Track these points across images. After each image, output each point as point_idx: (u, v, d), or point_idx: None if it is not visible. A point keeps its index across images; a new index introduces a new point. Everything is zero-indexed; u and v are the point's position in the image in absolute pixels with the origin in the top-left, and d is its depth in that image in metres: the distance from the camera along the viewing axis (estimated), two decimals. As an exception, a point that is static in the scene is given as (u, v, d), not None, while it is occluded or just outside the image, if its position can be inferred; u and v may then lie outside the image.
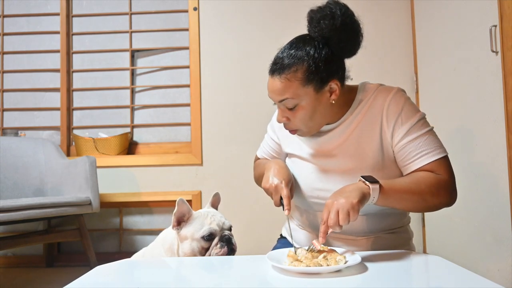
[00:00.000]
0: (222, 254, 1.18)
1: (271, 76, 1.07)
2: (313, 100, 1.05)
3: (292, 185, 1.14)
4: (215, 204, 1.34)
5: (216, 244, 1.19)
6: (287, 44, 1.09)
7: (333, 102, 1.07)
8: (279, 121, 1.11)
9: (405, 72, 2.79)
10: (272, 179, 1.10)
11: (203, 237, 1.18)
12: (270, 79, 1.07)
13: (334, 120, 1.12)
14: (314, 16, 1.05)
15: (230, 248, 1.20)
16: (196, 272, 1.03)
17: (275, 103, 1.10)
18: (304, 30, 1.11)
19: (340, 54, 1.07)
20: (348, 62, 1.12)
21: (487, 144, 1.88)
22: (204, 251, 1.19)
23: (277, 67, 1.05)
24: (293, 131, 1.12)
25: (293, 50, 1.05)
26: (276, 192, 1.09)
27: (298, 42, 1.07)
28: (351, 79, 1.12)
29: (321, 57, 1.03)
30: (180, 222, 1.22)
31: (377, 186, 0.96)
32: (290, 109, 1.07)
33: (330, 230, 0.93)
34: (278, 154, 1.29)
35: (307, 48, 1.04)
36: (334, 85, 1.05)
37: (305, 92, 1.04)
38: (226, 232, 1.22)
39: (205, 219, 1.21)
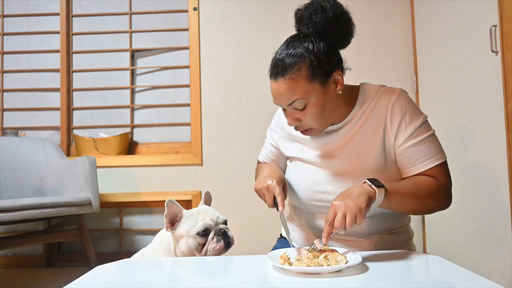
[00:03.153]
0: (219, 248, 1.18)
1: (274, 80, 1.04)
2: (322, 94, 1.03)
3: (285, 184, 1.13)
4: (207, 203, 1.34)
5: (212, 239, 1.19)
6: (282, 45, 1.07)
7: (340, 92, 1.06)
8: (290, 125, 1.08)
9: (405, 72, 2.79)
10: (264, 179, 1.10)
11: (198, 233, 1.18)
12: (273, 83, 1.04)
13: (339, 120, 1.12)
14: (305, 13, 1.05)
15: (226, 241, 1.19)
16: (196, 272, 1.03)
17: (283, 108, 1.08)
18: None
19: (337, 45, 1.06)
20: (348, 62, 1.11)
21: (487, 144, 1.88)
22: (200, 248, 1.19)
23: (279, 69, 1.02)
24: (306, 132, 1.09)
25: (291, 50, 1.03)
26: (269, 191, 1.08)
27: (294, 41, 1.05)
28: (350, 69, 1.11)
29: (321, 50, 1.02)
30: (173, 222, 1.21)
31: (383, 190, 0.96)
32: (300, 110, 1.04)
33: (334, 231, 0.93)
34: (278, 158, 1.29)
35: (305, 45, 1.02)
36: (337, 76, 1.05)
37: (312, 89, 1.02)
38: (221, 226, 1.22)
39: (198, 216, 1.21)
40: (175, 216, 1.21)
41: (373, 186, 0.96)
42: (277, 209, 1.07)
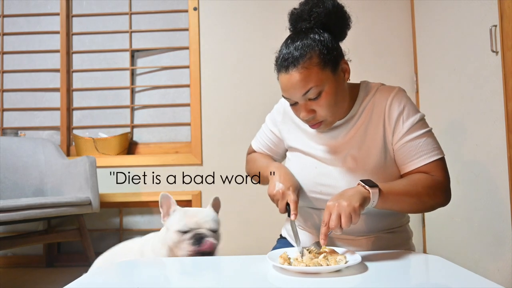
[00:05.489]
0: (191, 251, 1.17)
1: (285, 72, 1.02)
2: (334, 82, 1.04)
3: (299, 191, 1.13)
4: (215, 208, 1.32)
5: (189, 240, 1.18)
6: (287, 40, 1.07)
7: (349, 81, 1.09)
8: (304, 118, 1.07)
9: (405, 72, 2.79)
10: (279, 185, 1.08)
11: (178, 231, 1.19)
12: (285, 76, 1.02)
13: (341, 116, 1.13)
14: (304, 9, 1.07)
15: (199, 246, 1.17)
16: (196, 272, 1.03)
17: (293, 104, 1.07)
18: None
19: (338, 36, 1.09)
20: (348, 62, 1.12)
21: (487, 144, 1.88)
22: (178, 245, 1.20)
23: (290, 61, 1.01)
24: (316, 125, 1.08)
25: (298, 42, 1.03)
26: (283, 198, 1.07)
27: (297, 35, 1.05)
28: (350, 60, 1.12)
29: (327, 40, 1.04)
30: (165, 215, 1.28)
31: (376, 190, 0.97)
32: (314, 100, 1.03)
33: (330, 232, 0.93)
34: (276, 146, 1.28)
35: (311, 36, 1.04)
36: (344, 64, 1.08)
37: (325, 76, 1.02)
38: (201, 230, 1.20)
39: (186, 214, 1.23)
40: (169, 209, 1.27)
41: (366, 186, 0.97)
42: (289, 216, 1.06)
